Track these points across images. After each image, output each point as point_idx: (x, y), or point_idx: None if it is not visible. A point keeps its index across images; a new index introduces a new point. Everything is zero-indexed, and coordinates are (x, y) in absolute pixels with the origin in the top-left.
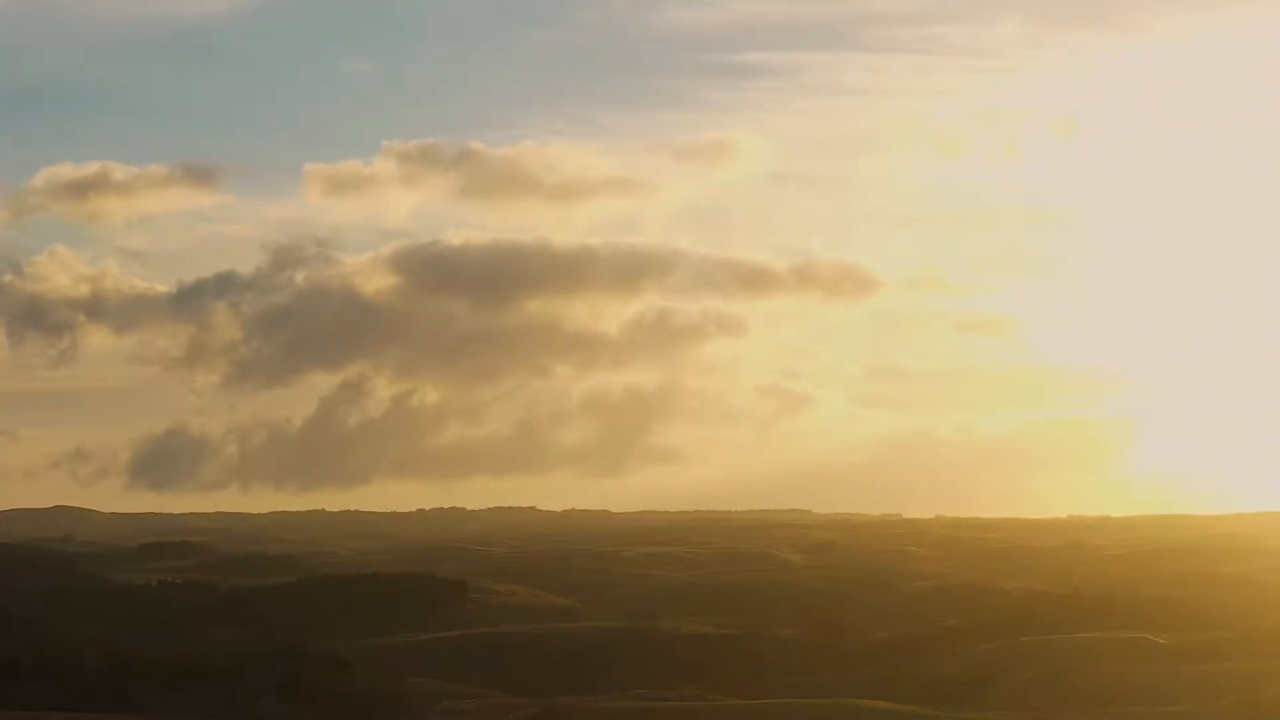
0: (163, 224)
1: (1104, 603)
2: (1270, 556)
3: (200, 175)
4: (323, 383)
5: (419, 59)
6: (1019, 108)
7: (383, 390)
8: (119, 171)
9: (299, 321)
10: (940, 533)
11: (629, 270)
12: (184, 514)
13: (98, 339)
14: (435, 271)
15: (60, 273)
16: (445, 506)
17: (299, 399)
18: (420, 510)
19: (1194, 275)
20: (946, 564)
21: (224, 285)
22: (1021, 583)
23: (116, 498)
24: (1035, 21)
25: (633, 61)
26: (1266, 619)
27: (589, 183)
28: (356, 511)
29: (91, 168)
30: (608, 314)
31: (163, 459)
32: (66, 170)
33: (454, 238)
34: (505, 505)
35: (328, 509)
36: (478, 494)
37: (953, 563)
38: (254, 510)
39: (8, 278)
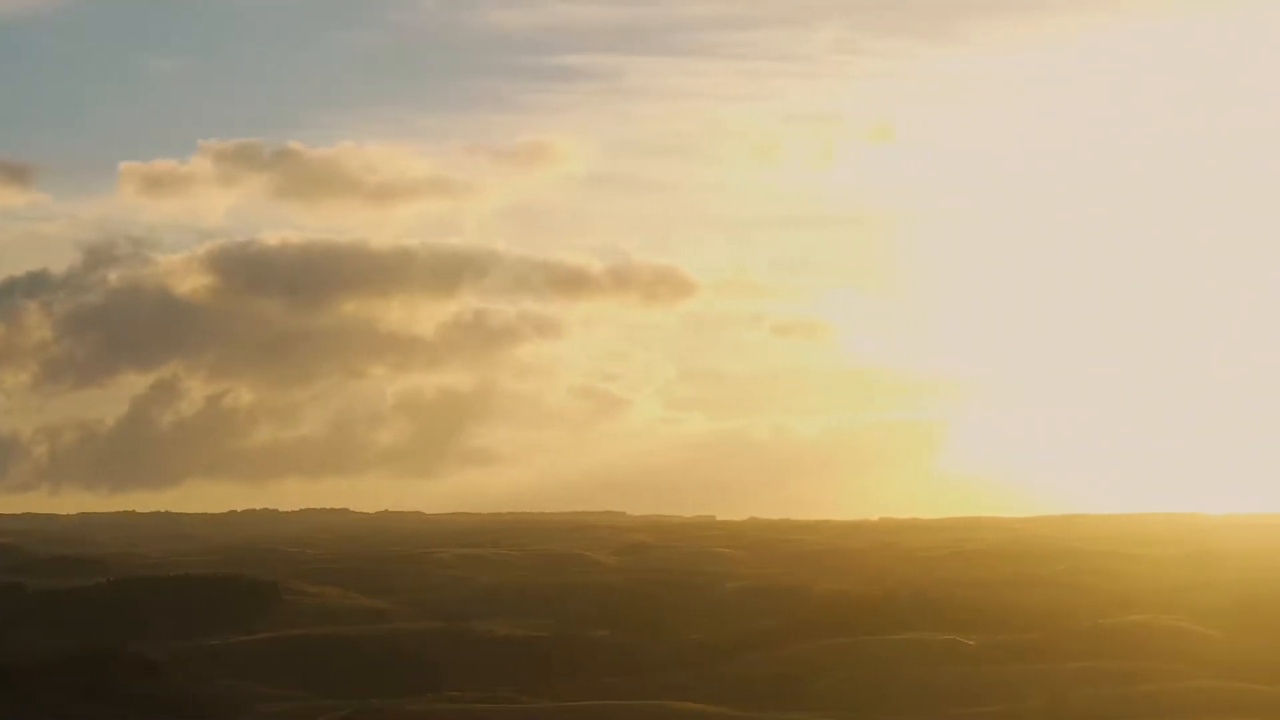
0: None
1: (915, 604)
2: (1077, 558)
3: (13, 173)
4: (135, 383)
5: (237, 58)
6: (836, 114)
7: (196, 391)
8: None
9: (112, 321)
10: (753, 534)
11: (446, 271)
12: None
13: None
14: (251, 271)
15: None
16: (258, 508)
17: (111, 399)
18: (232, 512)
19: (1009, 280)
20: (759, 565)
21: (36, 284)
22: (834, 584)
23: None
24: (853, 29)
25: (450, 63)
26: (1074, 620)
27: (407, 184)
28: (168, 513)
29: None
30: (424, 315)
31: None
32: None
33: (270, 238)
34: (318, 507)
35: (139, 510)
36: (291, 495)
37: (766, 564)
38: (64, 511)
39: None
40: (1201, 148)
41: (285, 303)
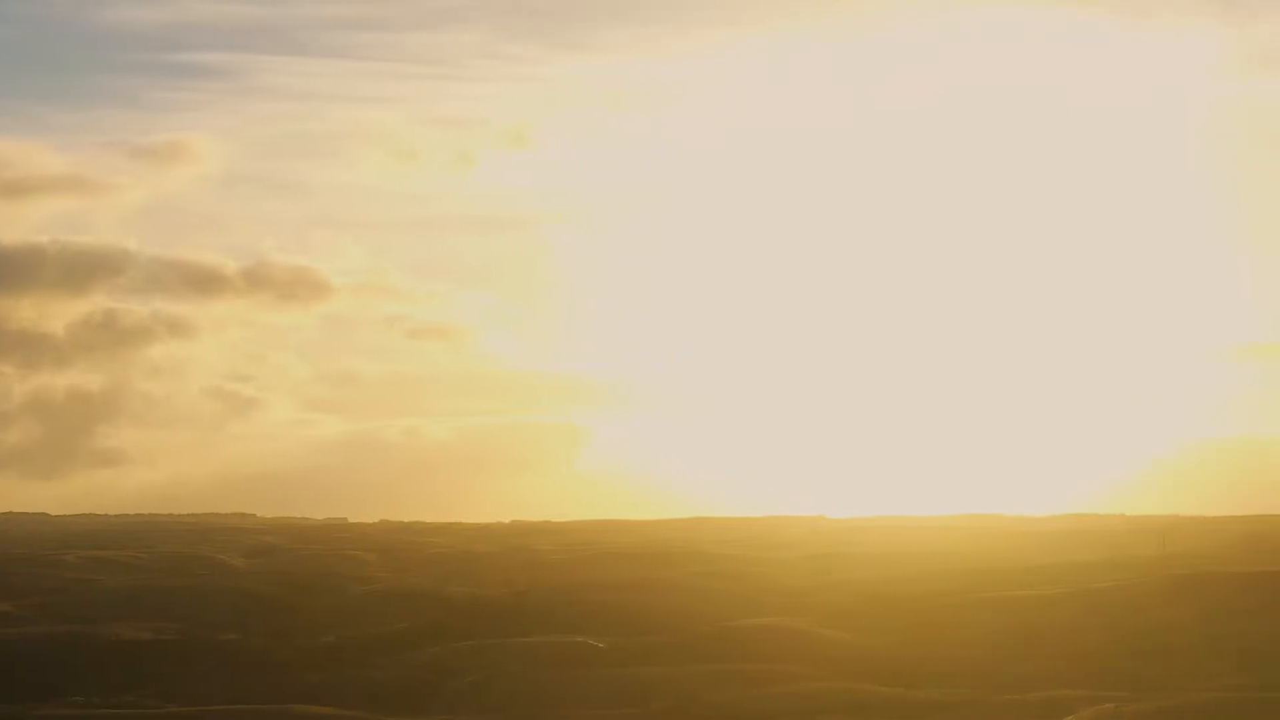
0: None
1: (547, 607)
2: (705, 561)
3: None
4: None
5: None
6: (476, 118)
7: None
8: None
9: None
10: (384, 537)
11: (78, 270)
12: None
13: None
14: None
15: None
16: None
17: None
18: None
19: (648, 284)
20: (390, 568)
21: None
22: (465, 587)
23: None
24: (493, 32)
25: (84, 59)
26: (702, 623)
27: (39, 181)
28: None
29: None
30: (55, 313)
31: None
32: None
33: None
34: None
35: None
36: None
37: (397, 567)
38: None
39: None
40: (839, 155)
41: None
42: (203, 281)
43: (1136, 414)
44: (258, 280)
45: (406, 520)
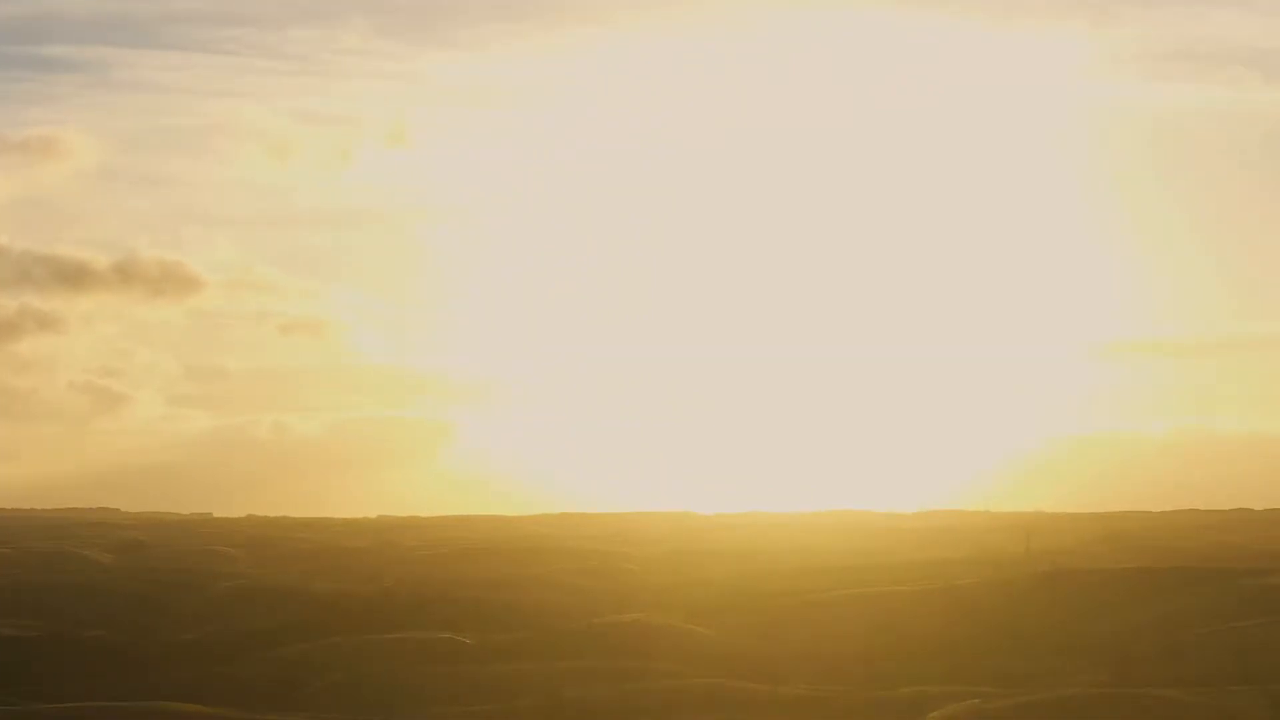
0: None
1: (413, 603)
2: (571, 558)
3: None
4: None
5: None
6: (352, 115)
7: None
8: None
9: None
10: (251, 532)
11: None
12: None
13: None
14: None
15: None
16: None
17: None
18: None
19: (519, 282)
20: (257, 564)
21: None
22: (332, 583)
23: None
24: (371, 31)
25: None
26: (567, 620)
27: None
28: None
29: None
30: None
31: None
32: None
33: None
34: None
35: None
36: None
37: (263, 563)
38: None
39: None
40: (711, 154)
41: None
42: (72, 276)
43: (1002, 411)
44: (128, 275)
45: (273, 515)
